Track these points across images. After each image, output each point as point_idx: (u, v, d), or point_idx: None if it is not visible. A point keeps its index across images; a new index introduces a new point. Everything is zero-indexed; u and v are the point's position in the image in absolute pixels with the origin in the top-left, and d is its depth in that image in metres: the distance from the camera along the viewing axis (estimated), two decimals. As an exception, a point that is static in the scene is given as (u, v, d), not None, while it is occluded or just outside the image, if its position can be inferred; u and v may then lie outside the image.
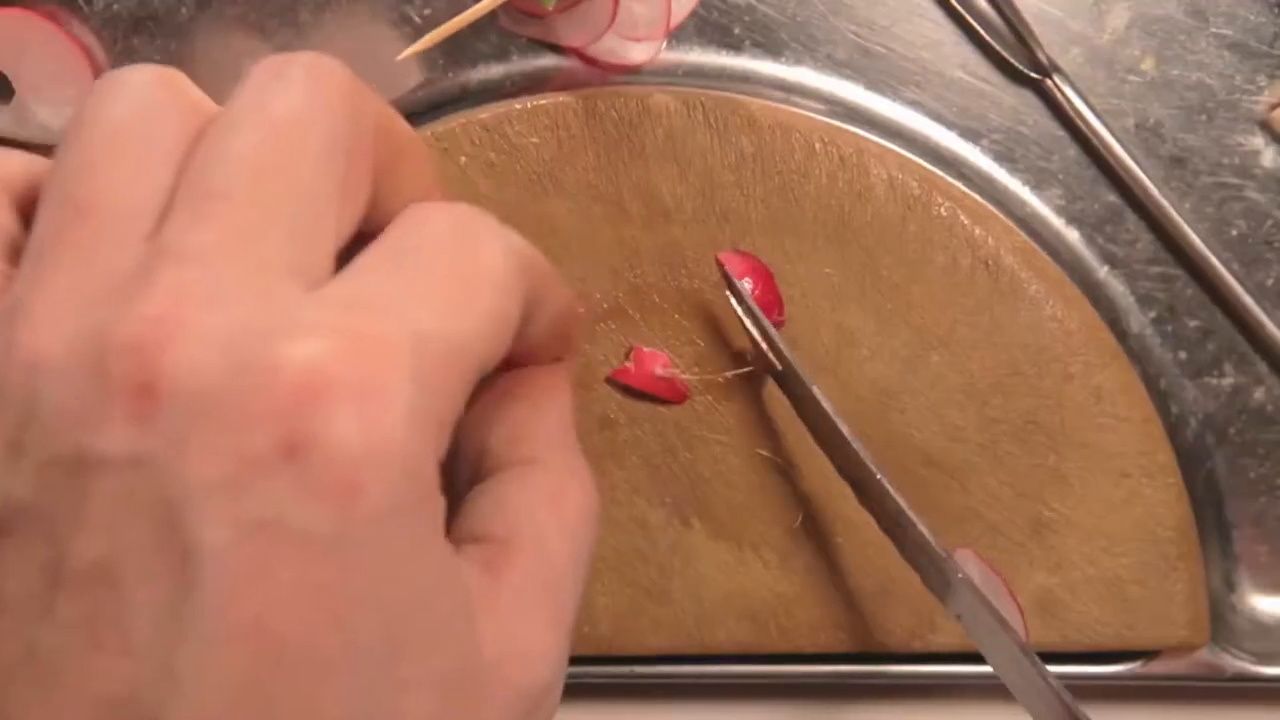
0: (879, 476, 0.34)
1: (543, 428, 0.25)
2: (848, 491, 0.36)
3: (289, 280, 0.20)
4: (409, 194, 0.23)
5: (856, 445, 0.34)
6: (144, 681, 0.18)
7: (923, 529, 0.33)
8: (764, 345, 0.36)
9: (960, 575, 0.33)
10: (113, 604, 0.18)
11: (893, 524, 0.35)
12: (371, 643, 0.19)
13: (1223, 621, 0.41)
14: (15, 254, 0.21)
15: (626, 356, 0.39)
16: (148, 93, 0.21)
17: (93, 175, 0.20)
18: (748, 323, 0.37)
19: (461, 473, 0.25)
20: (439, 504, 0.20)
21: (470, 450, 0.25)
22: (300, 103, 0.21)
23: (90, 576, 0.18)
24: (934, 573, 0.34)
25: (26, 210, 0.22)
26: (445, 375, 0.20)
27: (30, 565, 0.18)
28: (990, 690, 0.40)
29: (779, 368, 0.36)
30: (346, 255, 0.21)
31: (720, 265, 0.37)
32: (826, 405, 0.35)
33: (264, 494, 0.18)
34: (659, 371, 0.39)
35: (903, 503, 0.34)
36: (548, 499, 0.24)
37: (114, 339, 0.18)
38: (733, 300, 0.37)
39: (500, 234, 0.22)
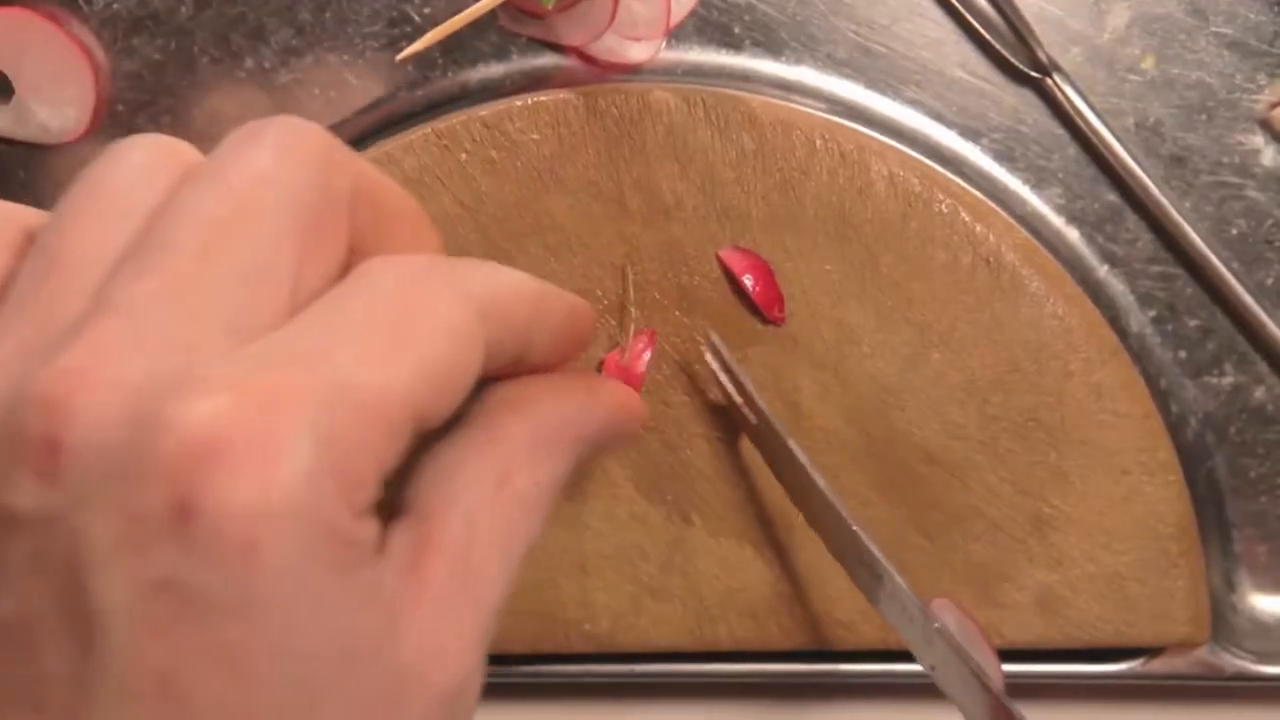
0: (855, 528, 0.34)
1: (524, 407, 0.24)
2: (850, 489, 0.36)
3: (221, 335, 0.19)
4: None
5: (832, 497, 0.34)
6: None
7: (900, 581, 0.33)
8: (739, 400, 0.36)
9: (937, 625, 0.32)
10: (23, 663, 0.18)
11: (869, 576, 0.34)
12: (286, 691, 0.18)
13: (1223, 621, 0.41)
14: None
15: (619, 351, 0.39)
16: (144, 157, 0.21)
17: (71, 230, 0.20)
18: (723, 377, 0.36)
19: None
20: (359, 549, 0.19)
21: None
22: (264, 163, 0.21)
23: (3, 635, 0.18)
24: (908, 625, 0.33)
25: None
26: (362, 426, 0.19)
27: None
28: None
29: (753, 421, 0.36)
30: None
31: (721, 262, 0.37)
32: (803, 458, 0.34)
33: (159, 556, 0.18)
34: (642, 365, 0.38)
35: (880, 555, 0.33)
36: (494, 480, 0.22)
37: (30, 392, 0.18)
38: (709, 356, 0.36)
39: (456, 279, 0.21)
